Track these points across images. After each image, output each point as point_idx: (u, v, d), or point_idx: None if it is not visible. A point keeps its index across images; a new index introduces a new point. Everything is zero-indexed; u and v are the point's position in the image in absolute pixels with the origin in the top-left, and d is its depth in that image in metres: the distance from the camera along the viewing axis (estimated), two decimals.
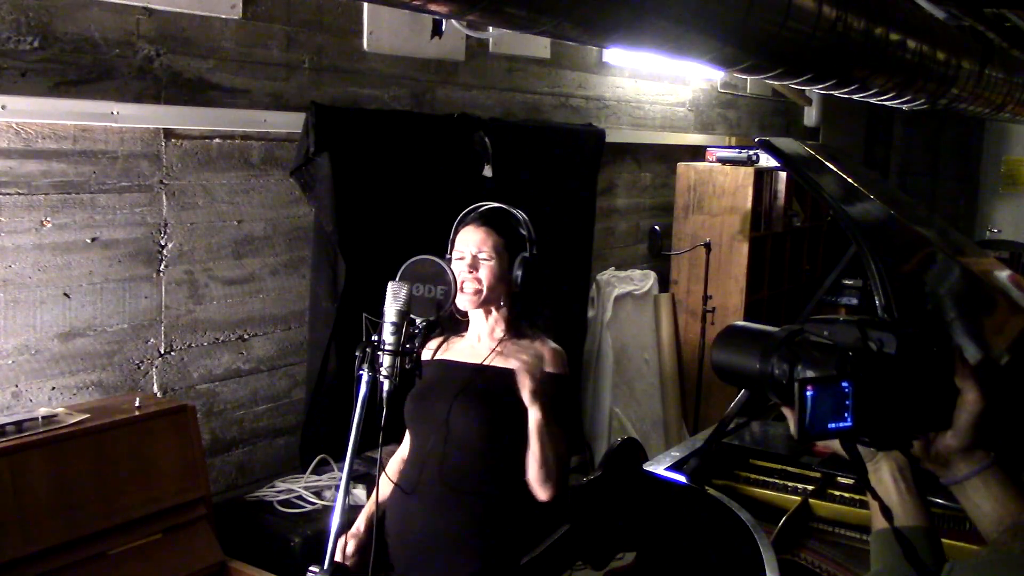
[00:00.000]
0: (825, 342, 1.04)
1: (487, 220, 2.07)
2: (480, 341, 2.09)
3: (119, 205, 2.53)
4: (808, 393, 0.96)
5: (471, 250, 2.03)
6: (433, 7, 1.78)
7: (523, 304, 2.07)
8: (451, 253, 2.06)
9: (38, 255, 2.37)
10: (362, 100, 3.20)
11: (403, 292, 1.72)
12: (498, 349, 2.05)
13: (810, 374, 1.01)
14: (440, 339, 2.13)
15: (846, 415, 0.97)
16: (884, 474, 1.06)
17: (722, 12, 2.27)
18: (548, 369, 2.03)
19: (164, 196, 2.64)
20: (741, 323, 1.15)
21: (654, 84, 4.93)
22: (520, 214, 2.09)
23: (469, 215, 2.10)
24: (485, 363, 2.04)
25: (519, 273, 2.03)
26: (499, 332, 2.07)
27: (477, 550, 2.01)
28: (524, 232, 2.07)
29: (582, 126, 4.29)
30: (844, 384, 0.97)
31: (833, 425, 0.97)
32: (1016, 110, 4.73)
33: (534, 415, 1.94)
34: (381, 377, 1.68)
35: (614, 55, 4.47)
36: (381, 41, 3.23)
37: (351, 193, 2.99)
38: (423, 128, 3.34)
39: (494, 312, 2.07)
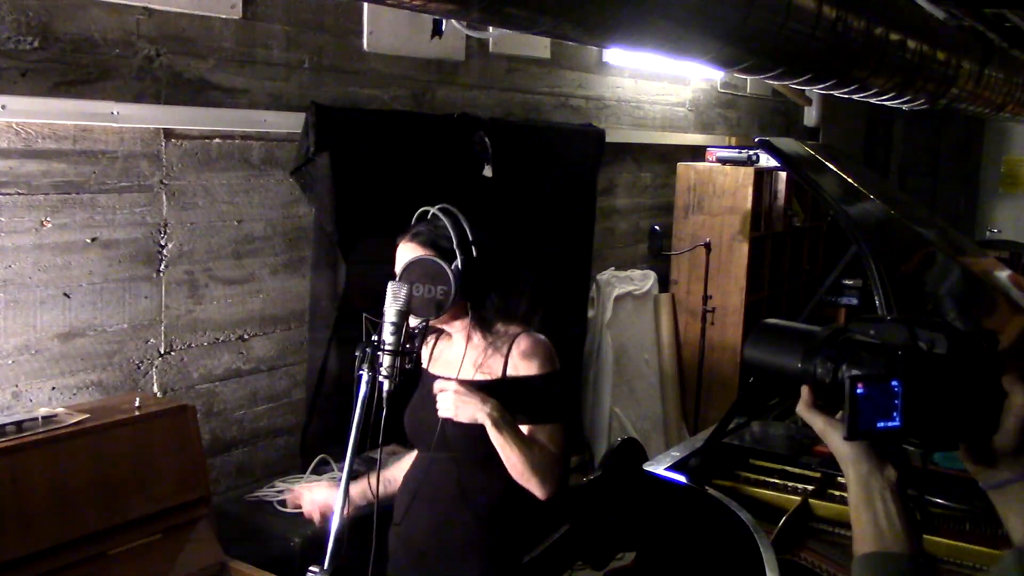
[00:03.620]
0: (872, 341, 1.01)
1: (413, 235, 2.00)
2: (459, 347, 2.04)
3: (119, 205, 2.53)
4: (859, 391, 0.93)
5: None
6: (433, 7, 1.78)
7: (487, 302, 1.98)
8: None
9: (38, 255, 2.37)
10: (362, 100, 3.20)
11: (403, 292, 1.72)
12: (477, 360, 2.01)
13: (856, 373, 0.97)
14: (433, 337, 2.10)
15: (895, 415, 0.94)
16: (875, 492, 1.00)
17: (722, 12, 2.27)
18: (523, 373, 1.98)
19: (164, 196, 2.64)
20: (774, 320, 1.11)
21: (654, 84, 4.93)
22: (445, 218, 1.96)
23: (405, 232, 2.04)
24: (469, 377, 2.00)
25: (453, 284, 1.92)
26: (476, 337, 2.01)
27: (482, 554, 2.01)
28: (450, 236, 1.94)
29: (582, 126, 4.29)
30: (894, 383, 0.94)
31: (881, 424, 0.94)
32: (1016, 110, 4.73)
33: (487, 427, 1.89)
34: (381, 377, 1.68)
35: (614, 55, 4.47)
36: (381, 41, 3.23)
37: (351, 193, 2.99)
38: (423, 128, 3.34)
39: (461, 318, 2.00)
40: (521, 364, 1.97)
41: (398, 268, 1.95)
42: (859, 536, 1.00)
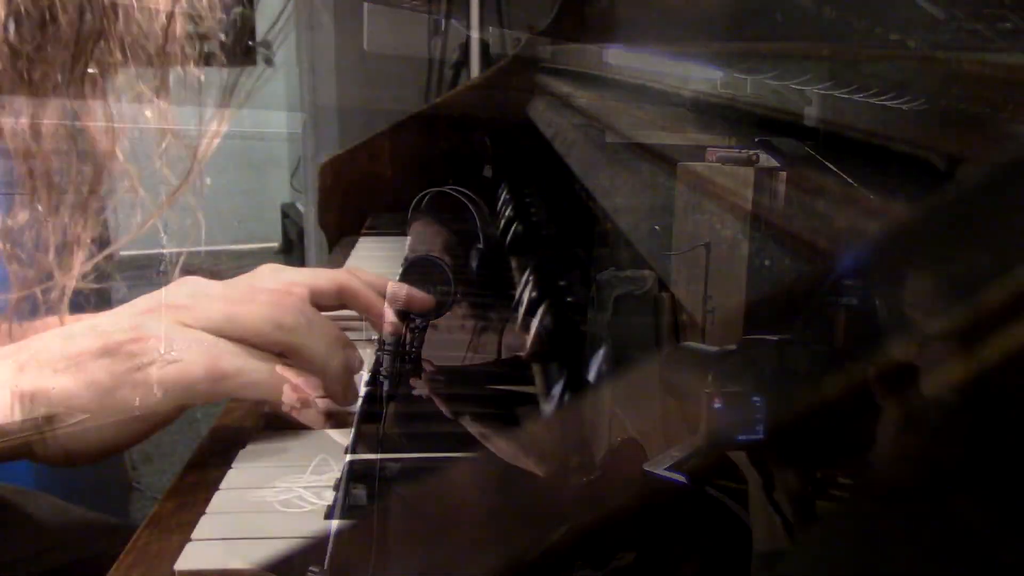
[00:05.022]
0: (747, 361, 1.09)
1: (442, 218, 1.98)
2: (450, 332, 2.02)
3: (119, 205, 2.53)
4: (716, 405, 1.00)
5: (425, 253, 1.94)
6: (433, 7, 1.78)
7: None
8: (409, 245, 1.97)
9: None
10: (362, 100, 3.20)
11: (403, 292, 1.72)
12: (470, 342, 2.00)
13: (710, 390, 1.06)
14: None
15: (757, 429, 1.00)
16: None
17: (722, 12, 2.28)
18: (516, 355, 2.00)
19: (164, 196, 2.64)
20: (687, 344, 1.20)
21: (654, 84, 4.93)
22: (466, 198, 1.98)
23: (422, 206, 1.99)
24: (468, 360, 2.00)
25: (474, 266, 1.92)
26: (467, 324, 2.01)
27: (490, 551, 2.01)
28: (478, 218, 1.95)
29: (582, 126, 4.29)
30: (755, 399, 1.00)
31: (743, 438, 1.01)
32: (1016, 110, 4.75)
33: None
34: (381, 377, 1.68)
35: (614, 55, 4.47)
36: (381, 41, 3.23)
37: (351, 194, 2.99)
38: (423, 128, 3.34)
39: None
40: (514, 348, 1.99)
41: (410, 247, 1.94)
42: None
